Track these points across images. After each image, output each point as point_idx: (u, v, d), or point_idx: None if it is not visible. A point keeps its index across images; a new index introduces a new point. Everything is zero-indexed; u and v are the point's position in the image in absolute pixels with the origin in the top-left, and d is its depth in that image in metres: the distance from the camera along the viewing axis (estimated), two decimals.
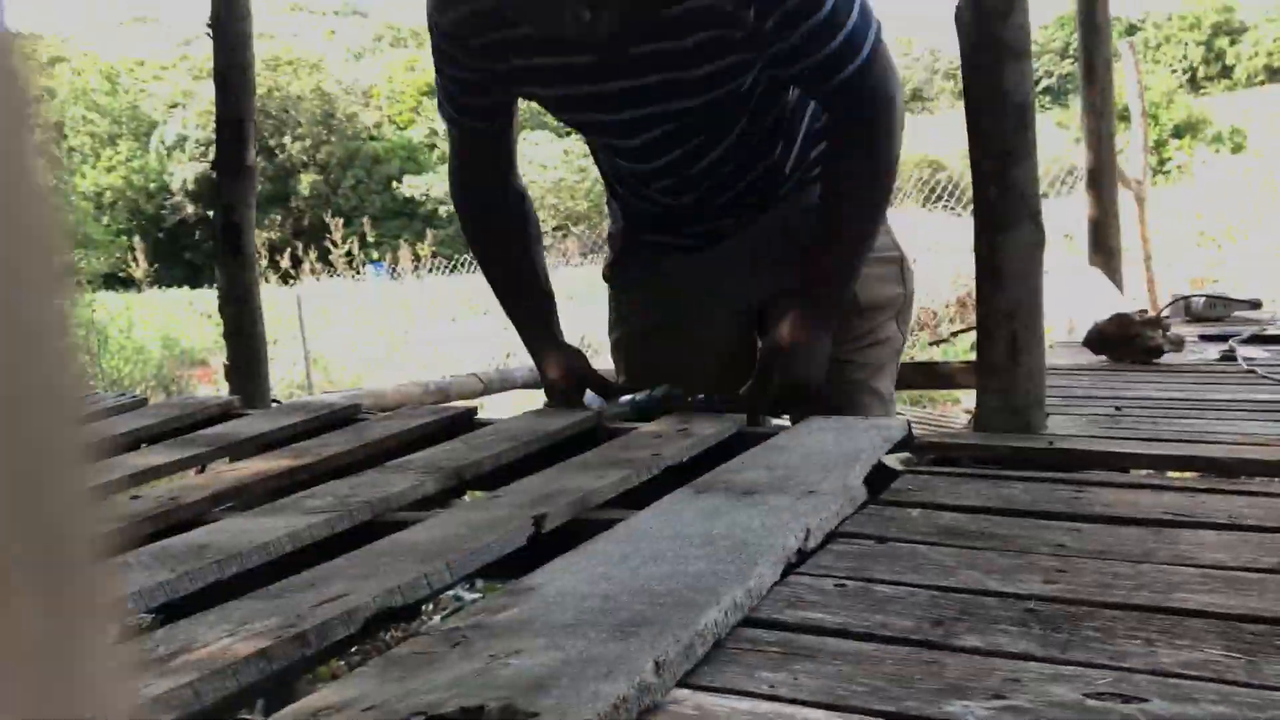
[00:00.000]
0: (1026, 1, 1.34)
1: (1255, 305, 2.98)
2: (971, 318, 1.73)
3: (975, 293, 1.42)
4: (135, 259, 14.87)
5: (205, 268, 24.12)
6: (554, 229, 28.63)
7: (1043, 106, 33.18)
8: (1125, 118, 5.60)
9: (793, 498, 1.06)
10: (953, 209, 9.37)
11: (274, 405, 2.04)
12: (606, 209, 1.88)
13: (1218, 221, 8.63)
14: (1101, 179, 3.01)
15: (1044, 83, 37.85)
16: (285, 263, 15.85)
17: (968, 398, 3.34)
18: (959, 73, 1.42)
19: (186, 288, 16.76)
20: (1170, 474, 1.25)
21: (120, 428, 1.73)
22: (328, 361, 10.57)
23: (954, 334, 5.42)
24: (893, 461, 1.28)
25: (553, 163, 34.53)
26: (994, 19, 1.33)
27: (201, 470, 1.51)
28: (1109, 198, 3.03)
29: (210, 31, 2.14)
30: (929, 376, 2.90)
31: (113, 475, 1.34)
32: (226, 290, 2.16)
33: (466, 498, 1.42)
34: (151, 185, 35.74)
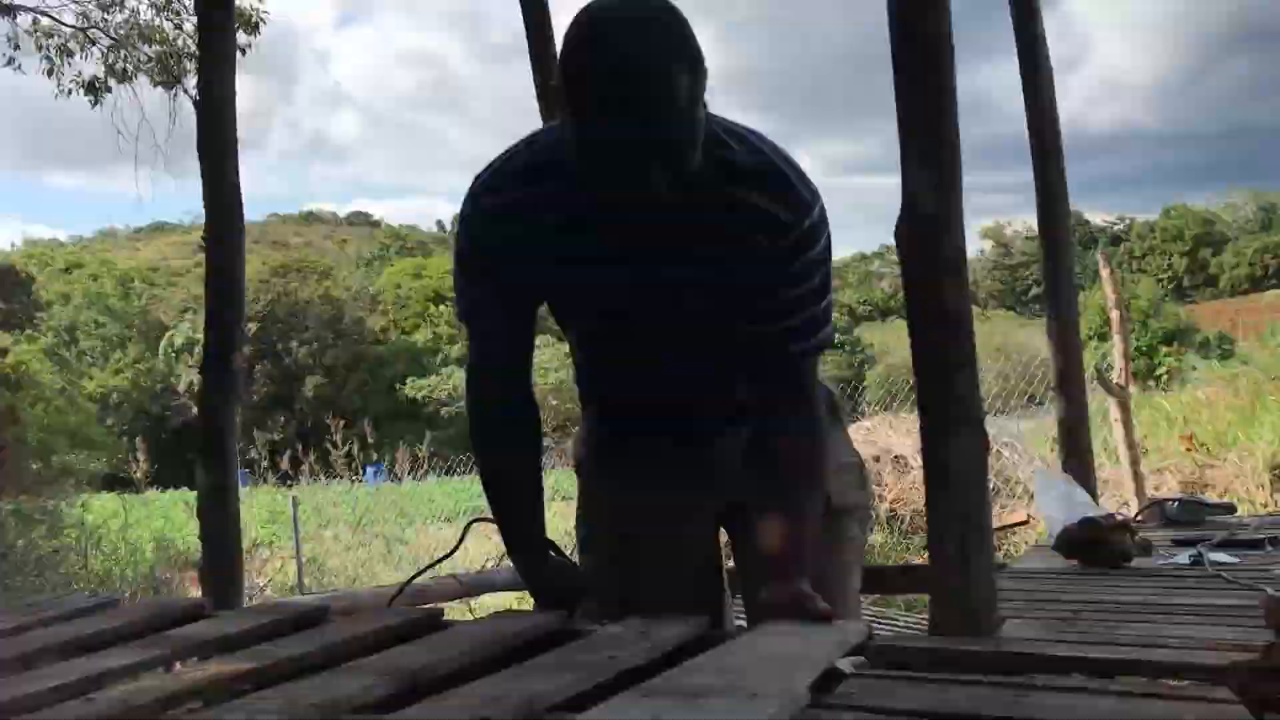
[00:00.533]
0: (962, 219, 1.43)
1: (1229, 509, 3.01)
2: None
3: (925, 497, 1.46)
4: (136, 460, 14.92)
5: None
6: (553, 429, 28.81)
7: (1036, 315, 33.94)
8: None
9: (735, 700, 1.07)
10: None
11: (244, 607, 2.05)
12: (580, 411, 1.94)
13: (1207, 427, 8.71)
14: (1071, 383, 3.10)
15: (1033, 290, 38.80)
16: (285, 465, 15.89)
17: None
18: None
19: (185, 489, 16.71)
20: (1118, 677, 1.25)
21: (87, 629, 1.73)
22: (322, 562, 10.49)
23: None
24: (844, 664, 1.29)
25: (553, 365, 34.89)
26: (932, 237, 1.42)
27: (167, 671, 1.51)
28: (1079, 401, 3.10)
29: (205, 242, 2.25)
30: (905, 578, 2.91)
31: (68, 678, 1.34)
32: (206, 491, 2.20)
33: None
34: (158, 387, 36.22)
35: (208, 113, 2.31)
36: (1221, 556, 2.31)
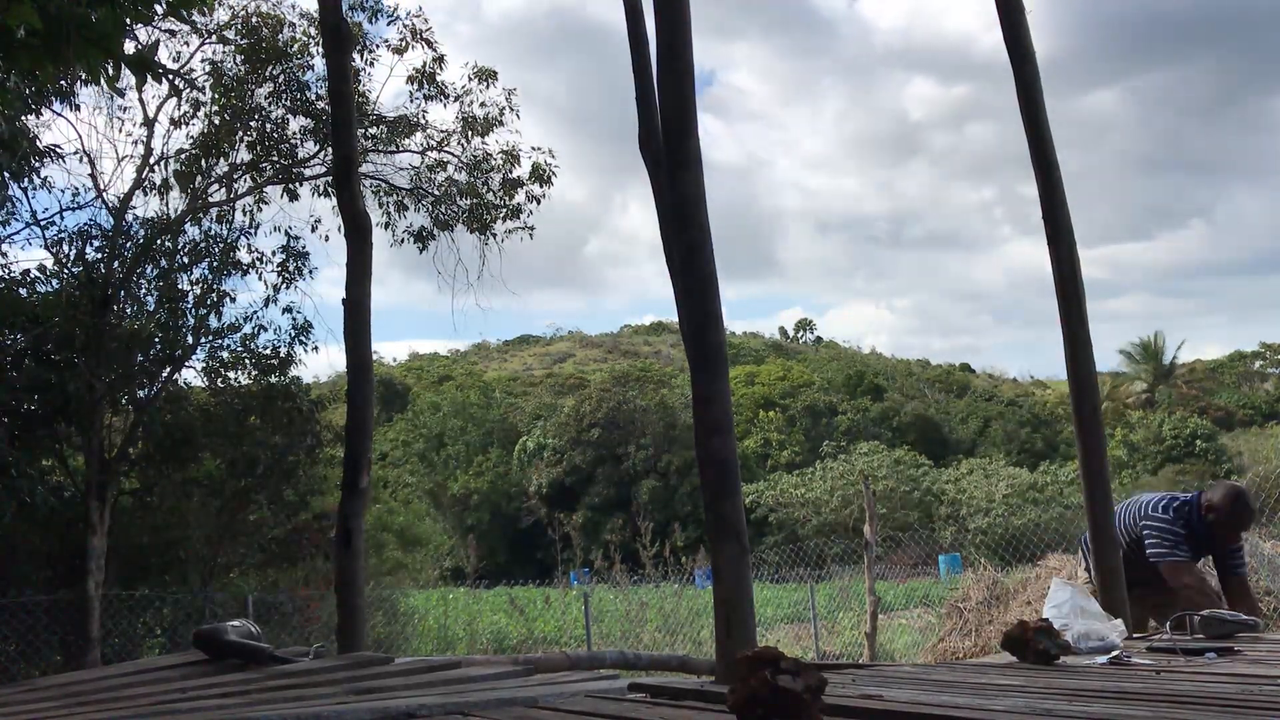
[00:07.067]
0: (727, 391, 1.99)
1: (1252, 626, 3.15)
2: None
3: None
4: (468, 557, 16.68)
5: (552, 565, 25.98)
6: (883, 540, 28.66)
7: None
8: None
9: None
10: None
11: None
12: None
13: None
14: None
15: None
16: (618, 566, 16.97)
17: None
18: None
19: (506, 584, 18.17)
20: None
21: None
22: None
23: None
24: None
25: (883, 472, 34.83)
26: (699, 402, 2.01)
27: None
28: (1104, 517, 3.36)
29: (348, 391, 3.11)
30: None
31: None
32: (339, 575, 3.05)
33: None
34: (512, 489, 39.45)
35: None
36: (1146, 660, 2.60)
